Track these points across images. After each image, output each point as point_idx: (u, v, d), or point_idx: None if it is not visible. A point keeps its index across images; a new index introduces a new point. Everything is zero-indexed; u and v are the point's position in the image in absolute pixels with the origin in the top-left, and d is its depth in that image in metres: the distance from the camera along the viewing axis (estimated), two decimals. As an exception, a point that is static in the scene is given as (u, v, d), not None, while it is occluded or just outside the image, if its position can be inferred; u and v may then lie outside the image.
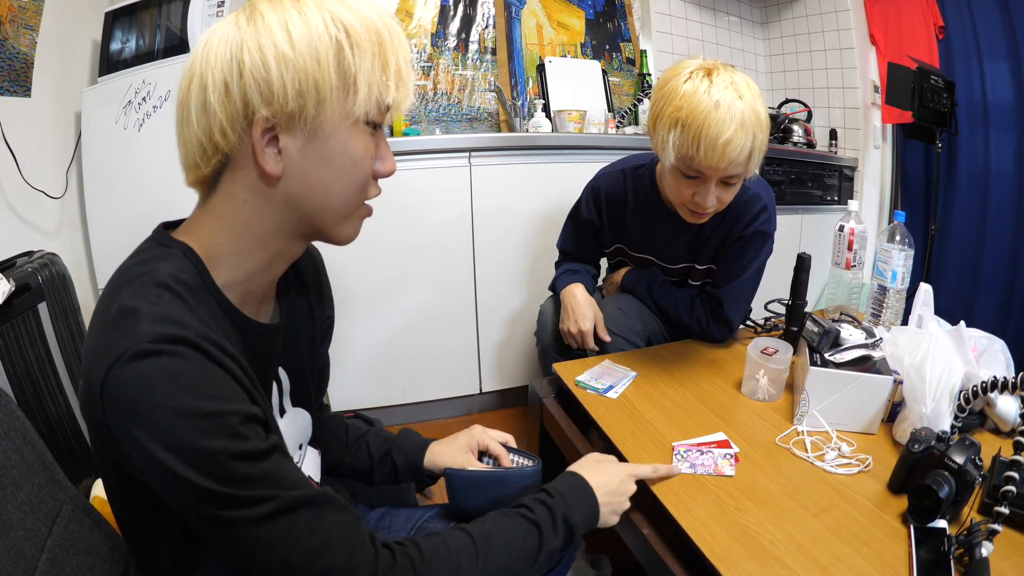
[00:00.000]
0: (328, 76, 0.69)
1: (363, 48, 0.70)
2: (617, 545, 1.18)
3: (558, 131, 2.67)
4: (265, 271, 0.80)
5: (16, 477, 0.84)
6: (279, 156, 0.72)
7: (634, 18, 3.32)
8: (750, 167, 1.37)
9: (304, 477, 0.72)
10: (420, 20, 2.90)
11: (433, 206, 2.32)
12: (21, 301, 1.34)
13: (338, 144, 0.73)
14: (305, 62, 0.68)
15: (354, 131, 0.74)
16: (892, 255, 1.57)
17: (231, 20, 0.71)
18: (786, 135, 3.15)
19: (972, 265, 2.97)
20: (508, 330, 2.53)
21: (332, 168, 0.74)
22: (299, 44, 0.68)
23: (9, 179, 1.71)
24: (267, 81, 0.67)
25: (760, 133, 1.32)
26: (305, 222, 0.77)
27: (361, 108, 0.72)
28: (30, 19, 1.83)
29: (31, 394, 1.34)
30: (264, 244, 0.77)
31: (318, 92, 0.69)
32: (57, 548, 0.86)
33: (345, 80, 0.70)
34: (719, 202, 1.43)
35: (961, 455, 0.95)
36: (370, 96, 0.72)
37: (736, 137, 1.28)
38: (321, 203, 0.76)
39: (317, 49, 0.68)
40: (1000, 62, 2.79)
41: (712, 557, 0.90)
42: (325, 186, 0.75)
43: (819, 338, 1.29)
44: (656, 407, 1.34)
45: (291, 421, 0.92)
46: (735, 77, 1.33)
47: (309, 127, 0.71)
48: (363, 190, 0.79)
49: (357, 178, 0.76)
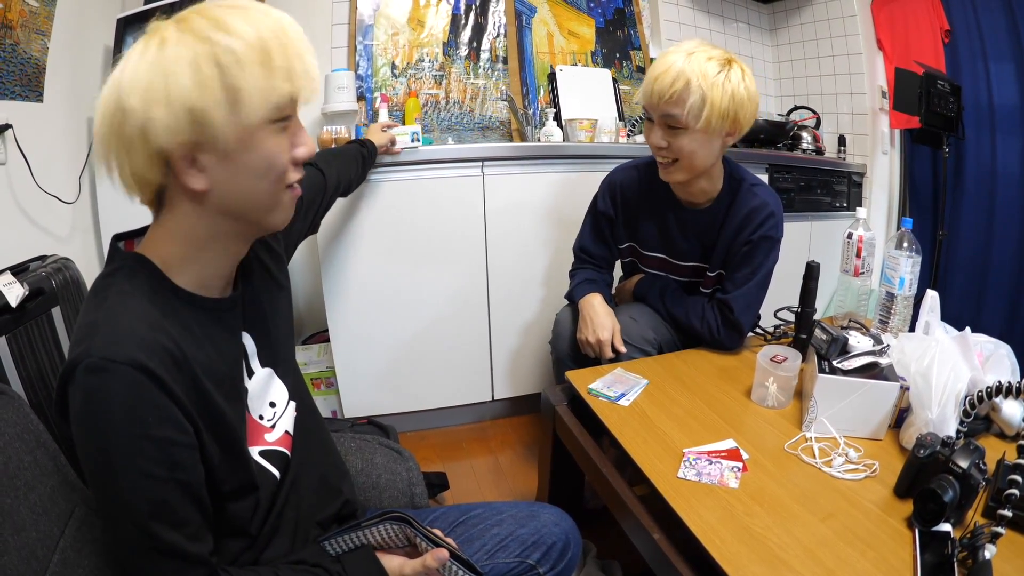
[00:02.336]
0: (213, 97, 0.73)
1: (245, 63, 0.74)
2: (628, 550, 1.21)
3: (569, 140, 2.69)
4: (216, 267, 0.87)
5: (29, 479, 0.86)
6: (202, 174, 0.78)
7: (644, 26, 3.34)
8: (688, 112, 1.50)
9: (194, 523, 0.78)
10: (432, 29, 2.94)
11: (446, 215, 2.34)
12: (35, 305, 1.34)
13: (248, 151, 0.78)
14: (189, 93, 0.72)
15: (261, 135, 0.78)
16: (900, 262, 1.59)
17: (123, 63, 0.76)
18: (795, 142, 3.16)
19: (980, 269, 2.97)
20: (520, 338, 2.55)
21: (249, 172, 0.80)
22: (181, 79, 0.72)
23: (23, 184, 1.74)
24: (165, 120, 0.72)
25: (701, 81, 1.48)
26: (240, 221, 0.84)
27: (255, 116, 0.76)
28: (41, 24, 1.84)
29: (44, 397, 1.34)
30: (209, 246, 0.84)
31: (207, 116, 0.73)
32: (69, 549, 0.88)
33: (230, 96, 0.74)
34: (672, 149, 1.56)
35: (965, 459, 0.96)
36: (263, 102, 0.76)
37: (664, 76, 1.49)
38: (248, 203, 0.83)
39: (198, 81, 0.72)
40: (1006, 64, 2.79)
41: (721, 561, 0.92)
42: (249, 188, 0.81)
43: (827, 345, 1.31)
44: (667, 414, 1.36)
45: (259, 380, 0.97)
46: (706, 50, 1.52)
47: (220, 145, 0.76)
48: (282, 180, 0.84)
49: (274, 173, 0.82)
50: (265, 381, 0.98)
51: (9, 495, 0.82)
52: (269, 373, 1.00)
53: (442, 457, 2.38)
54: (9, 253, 1.52)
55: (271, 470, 0.93)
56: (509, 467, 2.29)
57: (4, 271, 1.34)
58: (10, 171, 1.70)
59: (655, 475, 1.14)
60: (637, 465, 1.18)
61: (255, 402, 0.95)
